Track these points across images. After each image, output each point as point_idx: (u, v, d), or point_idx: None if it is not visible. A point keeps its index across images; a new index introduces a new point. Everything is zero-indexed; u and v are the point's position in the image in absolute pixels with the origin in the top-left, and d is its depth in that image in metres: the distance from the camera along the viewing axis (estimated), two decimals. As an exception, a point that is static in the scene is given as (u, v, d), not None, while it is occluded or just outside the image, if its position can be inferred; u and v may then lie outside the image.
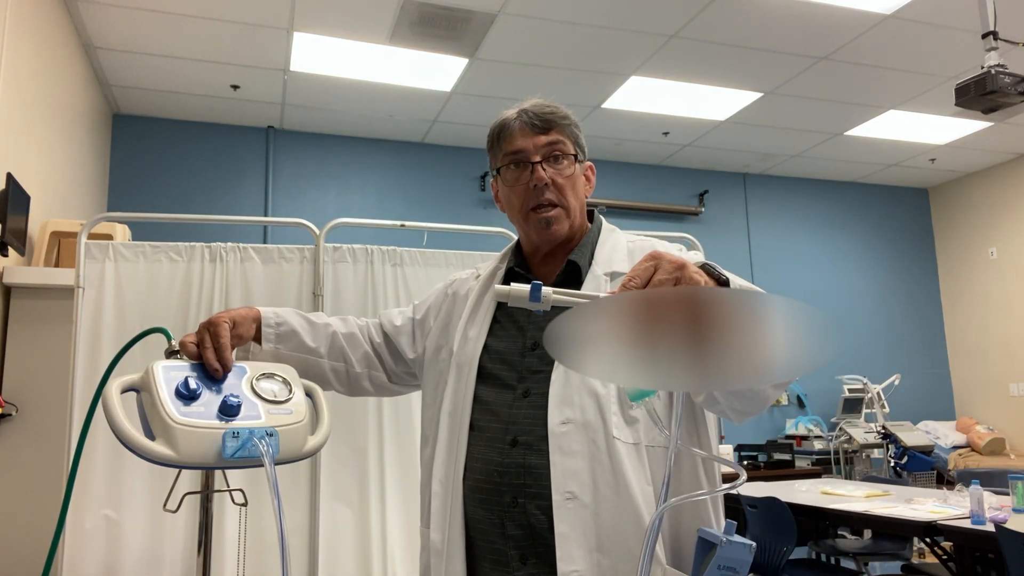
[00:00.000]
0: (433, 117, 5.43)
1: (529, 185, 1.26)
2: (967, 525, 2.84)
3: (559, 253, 1.30)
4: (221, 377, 1.11)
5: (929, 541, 2.98)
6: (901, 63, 4.73)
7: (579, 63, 4.64)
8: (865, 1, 4.01)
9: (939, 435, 6.33)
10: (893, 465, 5.42)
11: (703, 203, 6.59)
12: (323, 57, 4.48)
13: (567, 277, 1.27)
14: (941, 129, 5.84)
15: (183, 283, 2.45)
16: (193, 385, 1.05)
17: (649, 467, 1.12)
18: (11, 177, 2.87)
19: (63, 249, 3.37)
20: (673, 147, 6.15)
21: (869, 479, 4.73)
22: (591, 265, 1.27)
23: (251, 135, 5.51)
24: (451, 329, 1.33)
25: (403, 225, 2.79)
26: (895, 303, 7.06)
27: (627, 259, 1.26)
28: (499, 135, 1.30)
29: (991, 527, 2.68)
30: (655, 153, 6.29)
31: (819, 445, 5.89)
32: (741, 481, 0.87)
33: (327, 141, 5.68)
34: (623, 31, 4.26)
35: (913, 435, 5.67)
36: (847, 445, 5.75)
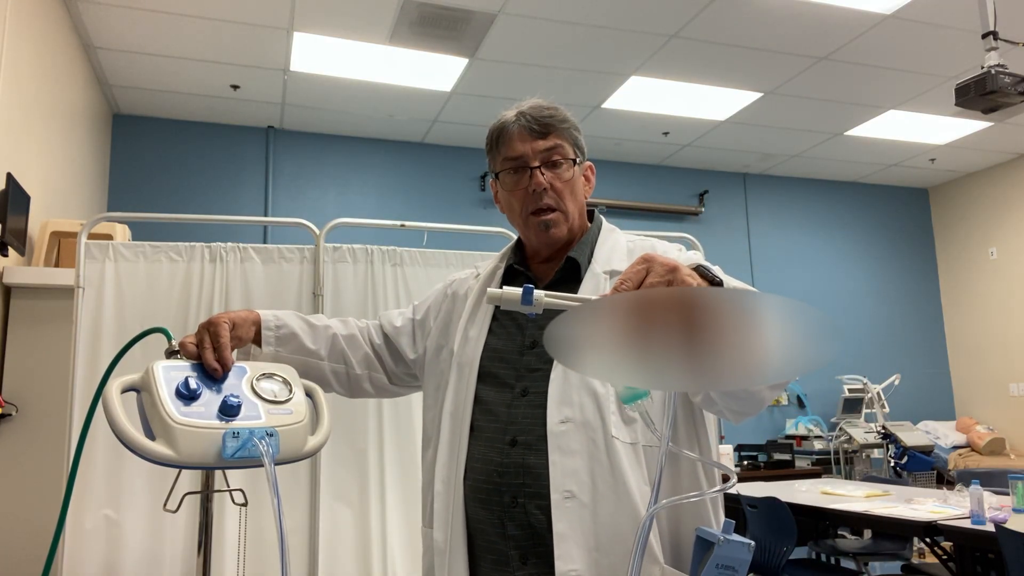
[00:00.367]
0: (433, 117, 5.43)
1: (528, 190, 1.26)
2: (967, 525, 2.84)
3: (559, 252, 1.31)
4: (221, 377, 1.11)
5: (929, 541, 2.98)
6: (901, 63, 4.73)
7: (579, 63, 4.64)
8: (865, 1, 4.01)
9: (939, 435, 6.33)
10: (893, 465, 5.41)
11: (703, 203, 6.59)
12: (323, 57, 4.48)
13: (566, 275, 1.27)
14: (941, 129, 5.84)
15: (183, 283, 2.45)
16: (193, 385, 1.05)
17: (647, 466, 1.12)
18: (11, 177, 2.87)
19: (63, 249, 3.37)
20: (673, 147, 6.15)
21: (869, 479, 4.73)
22: (590, 263, 1.27)
23: (251, 135, 5.51)
24: (451, 329, 1.33)
25: (403, 225, 2.79)
26: (895, 303, 7.05)
27: (626, 258, 1.26)
28: (498, 138, 1.30)
29: (991, 527, 2.68)
30: (655, 153, 6.29)
31: (819, 445, 5.89)
32: (731, 484, 0.88)
33: (327, 141, 5.68)
34: (623, 31, 4.26)
35: (913, 435, 5.66)
36: (847, 445, 5.75)
